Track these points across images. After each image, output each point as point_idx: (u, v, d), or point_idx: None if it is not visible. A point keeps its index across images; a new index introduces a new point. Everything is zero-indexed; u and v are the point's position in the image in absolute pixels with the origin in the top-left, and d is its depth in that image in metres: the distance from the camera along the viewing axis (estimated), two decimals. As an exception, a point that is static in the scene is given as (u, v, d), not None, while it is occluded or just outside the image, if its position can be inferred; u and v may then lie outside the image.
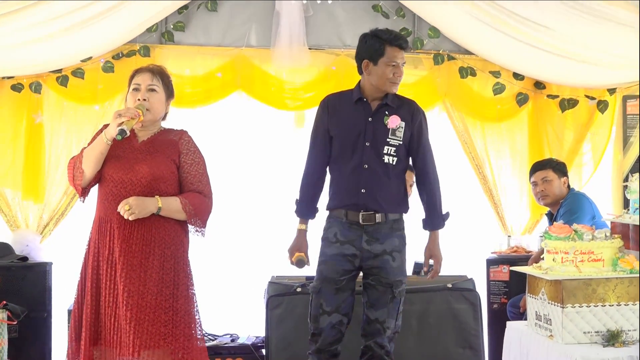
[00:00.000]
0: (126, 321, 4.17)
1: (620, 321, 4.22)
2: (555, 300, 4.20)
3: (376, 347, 4.70)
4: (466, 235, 6.99)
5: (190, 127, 6.47)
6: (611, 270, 4.24)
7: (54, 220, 6.62)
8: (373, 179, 4.71)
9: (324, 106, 4.93)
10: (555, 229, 4.35)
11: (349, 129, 4.78)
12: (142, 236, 4.29)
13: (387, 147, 4.72)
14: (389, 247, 4.71)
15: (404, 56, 4.81)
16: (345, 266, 4.72)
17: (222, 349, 6.05)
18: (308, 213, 4.93)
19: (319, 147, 4.88)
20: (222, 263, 6.88)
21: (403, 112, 4.80)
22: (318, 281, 4.80)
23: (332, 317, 4.71)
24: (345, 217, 4.75)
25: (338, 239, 4.75)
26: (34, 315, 6.09)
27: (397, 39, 4.79)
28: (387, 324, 4.69)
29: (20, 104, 6.62)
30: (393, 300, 4.71)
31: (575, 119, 7.03)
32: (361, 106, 4.82)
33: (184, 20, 6.75)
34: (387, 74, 4.73)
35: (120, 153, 4.40)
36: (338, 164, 4.81)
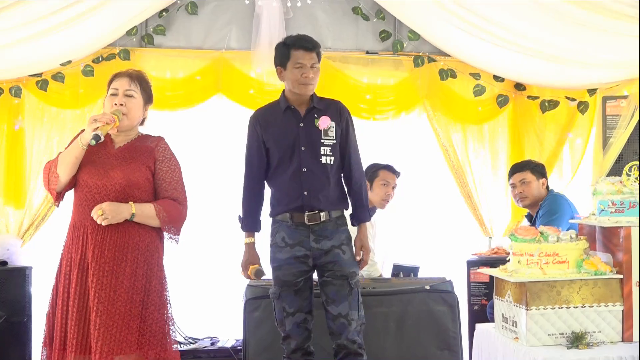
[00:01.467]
0: (95, 327, 4.16)
1: (584, 323, 4.26)
2: (520, 302, 4.23)
3: (348, 343, 4.74)
4: (447, 238, 7.01)
5: (171, 130, 6.54)
6: (576, 272, 4.27)
7: (35, 225, 6.62)
8: (313, 180, 4.78)
9: (254, 122, 4.98)
10: (521, 231, 4.38)
11: (283, 137, 4.84)
12: (115, 242, 4.28)
13: (323, 147, 4.80)
14: (337, 241, 4.79)
15: (315, 57, 4.82)
16: (299, 267, 4.79)
17: (202, 352, 6.03)
18: (253, 226, 5.00)
19: (256, 162, 4.92)
20: (203, 266, 6.90)
21: (331, 113, 4.87)
22: (276, 287, 4.87)
23: (296, 317, 4.80)
24: (291, 220, 4.81)
25: (287, 242, 4.81)
26: (14, 320, 6.09)
27: (300, 41, 4.85)
28: (351, 316, 4.74)
29: (0, 109, 6.62)
30: (352, 292, 4.77)
31: (556, 120, 7.05)
32: (290, 114, 4.88)
33: (164, 23, 6.76)
34: (296, 75, 4.80)
35: (96, 159, 4.40)
36: (277, 173, 4.87)
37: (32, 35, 6.10)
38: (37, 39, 6.14)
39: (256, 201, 4.96)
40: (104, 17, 6.29)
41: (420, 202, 7.05)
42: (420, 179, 7.02)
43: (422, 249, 6.79)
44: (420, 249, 6.82)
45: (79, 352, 4.21)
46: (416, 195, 6.98)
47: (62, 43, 6.34)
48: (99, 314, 4.17)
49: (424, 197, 7.08)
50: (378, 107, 6.85)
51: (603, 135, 6.82)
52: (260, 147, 4.88)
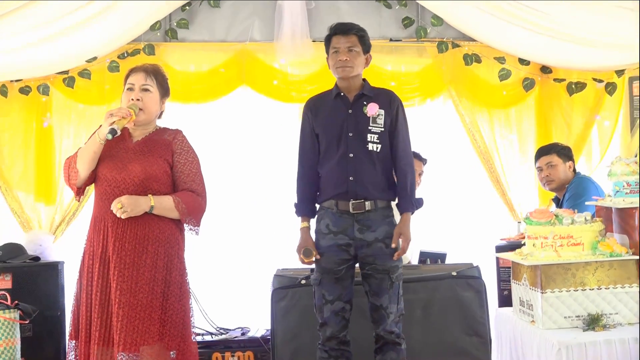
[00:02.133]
0: (117, 319, 4.22)
1: (601, 305, 4.23)
2: (535, 285, 4.21)
3: (385, 334, 4.76)
4: (476, 223, 6.98)
5: (197, 123, 6.65)
6: (591, 254, 4.24)
7: (66, 221, 6.73)
8: (359, 166, 4.76)
9: (306, 108, 5.01)
10: (536, 214, 4.36)
11: (332, 123, 4.85)
12: (135, 235, 4.34)
13: (370, 134, 4.77)
14: (381, 234, 4.75)
15: (352, 40, 4.81)
16: (341, 255, 4.78)
17: (233, 342, 6.07)
18: (307, 212, 4.99)
19: (308, 147, 4.95)
20: (234, 257, 6.94)
21: (381, 100, 4.85)
22: (318, 273, 4.87)
23: (335, 305, 4.78)
24: (336, 207, 4.81)
25: (330, 229, 4.81)
26: (47, 314, 6.15)
27: (336, 26, 4.88)
28: (390, 309, 4.74)
29: (29, 106, 6.76)
30: (392, 286, 4.75)
31: (584, 102, 6.98)
32: (340, 100, 4.89)
33: (187, 17, 6.80)
34: (333, 60, 4.84)
35: (115, 153, 4.46)
36: (325, 158, 4.87)
37: (56, 33, 6.21)
38: (62, 36, 6.25)
39: (309, 186, 4.96)
40: (127, 13, 6.37)
41: (447, 189, 7.02)
42: (447, 165, 6.99)
43: (450, 236, 6.76)
44: (449, 235, 6.79)
45: (102, 344, 4.29)
46: (443, 181, 6.95)
47: (86, 40, 6.42)
48: (121, 306, 4.23)
49: (451, 184, 7.05)
50: (403, 94, 6.72)
51: (631, 116, 6.76)
52: (312, 132, 4.92)
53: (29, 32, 6.15)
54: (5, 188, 6.72)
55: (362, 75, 4.93)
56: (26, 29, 6.11)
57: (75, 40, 6.34)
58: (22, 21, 6.04)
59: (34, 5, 5.95)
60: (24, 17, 6.01)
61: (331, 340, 4.80)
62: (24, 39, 6.19)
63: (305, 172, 4.96)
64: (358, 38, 4.83)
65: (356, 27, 4.88)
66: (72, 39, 6.30)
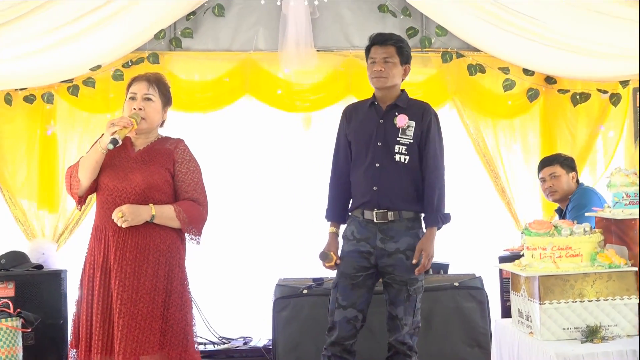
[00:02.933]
0: (118, 328, 4.22)
1: (600, 317, 4.21)
2: (534, 296, 4.20)
3: (398, 344, 4.74)
4: (479, 233, 6.96)
5: (200, 132, 6.65)
6: (589, 266, 4.23)
7: (69, 229, 6.74)
8: (384, 176, 4.77)
9: (343, 115, 5.08)
10: (534, 224, 4.35)
11: (362, 132, 4.89)
12: (136, 244, 4.33)
13: (398, 146, 4.78)
14: (402, 245, 4.74)
15: (389, 51, 4.83)
16: (360, 262, 4.78)
17: (234, 352, 6.12)
18: (336, 217, 5.02)
19: (341, 154, 5.00)
20: (236, 266, 6.92)
21: (413, 112, 4.86)
22: (336, 277, 4.89)
23: (347, 311, 4.76)
24: (362, 216, 4.82)
25: (355, 236, 4.83)
26: (50, 322, 6.16)
27: (374, 37, 4.92)
28: (405, 321, 4.73)
29: (33, 115, 6.77)
30: (409, 299, 4.74)
31: (588, 113, 6.97)
32: (374, 110, 4.92)
33: (191, 26, 6.82)
34: (370, 70, 4.88)
35: (117, 162, 4.46)
36: (355, 166, 4.90)
37: (60, 41, 6.22)
38: (66, 45, 6.26)
39: (339, 192, 4.99)
40: (131, 21, 6.39)
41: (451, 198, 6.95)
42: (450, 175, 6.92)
43: (454, 246, 6.74)
44: (452, 245, 6.77)
45: (103, 354, 4.28)
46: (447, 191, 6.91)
47: (91, 48, 6.43)
48: (122, 315, 4.23)
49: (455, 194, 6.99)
50: (408, 104, 6.83)
51: (635, 127, 6.74)
52: (345, 139, 4.97)
53: (33, 41, 6.16)
54: (9, 196, 6.73)
55: (400, 86, 4.95)
56: (30, 37, 6.12)
57: (79, 49, 6.35)
58: (27, 29, 6.05)
59: (38, 13, 5.97)
60: (28, 25, 6.02)
61: (335, 346, 4.77)
62: (29, 48, 6.20)
63: (336, 178, 5.01)
64: (396, 49, 4.86)
65: (395, 38, 4.91)
66: (76, 48, 6.31)
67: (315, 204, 6.29)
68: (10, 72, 6.42)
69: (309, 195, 6.76)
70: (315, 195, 6.41)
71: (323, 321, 5.28)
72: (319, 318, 5.44)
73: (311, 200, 6.67)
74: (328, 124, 6.51)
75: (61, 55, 6.34)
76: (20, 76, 6.53)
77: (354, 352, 4.83)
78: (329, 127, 6.16)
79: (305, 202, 6.81)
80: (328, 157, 5.10)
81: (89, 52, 6.47)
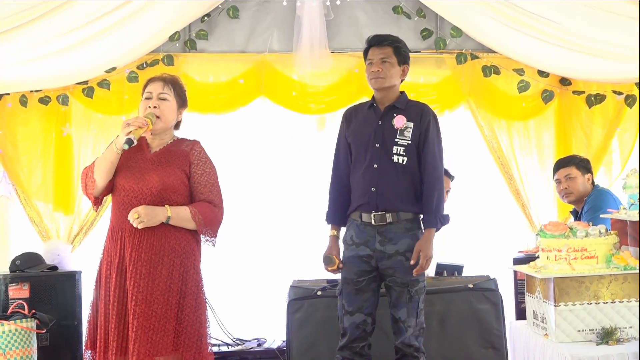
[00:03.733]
0: (132, 329, 4.22)
1: (615, 318, 4.20)
2: (548, 298, 4.19)
3: (404, 347, 4.73)
4: (493, 235, 6.96)
5: (215, 134, 6.66)
6: (605, 267, 4.22)
7: (84, 231, 6.77)
8: (382, 177, 4.76)
9: (343, 118, 5.08)
10: (550, 226, 4.33)
11: (361, 133, 4.88)
12: (151, 245, 4.34)
13: (396, 147, 4.77)
14: (402, 247, 4.71)
15: (386, 51, 4.84)
16: (362, 267, 4.77)
17: (248, 353, 6.11)
18: (336, 220, 5.02)
19: (341, 156, 5.00)
20: (250, 268, 6.94)
21: (411, 113, 4.84)
22: (340, 283, 4.90)
23: (355, 317, 4.75)
24: (360, 219, 4.81)
25: (354, 241, 4.81)
26: (64, 324, 6.18)
27: (371, 38, 4.94)
28: (408, 323, 4.71)
29: (48, 116, 6.80)
30: (411, 300, 4.72)
31: (603, 114, 6.94)
32: (373, 111, 4.92)
33: (206, 28, 6.83)
34: (367, 71, 4.90)
35: (133, 164, 4.48)
36: (354, 168, 4.90)
37: (75, 43, 6.23)
38: (81, 47, 6.28)
39: (339, 195, 4.99)
40: (146, 23, 6.41)
41: (465, 200, 6.99)
42: (465, 177, 6.97)
43: (468, 247, 6.74)
44: (467, 247, 6.77)
45: (119, 354, 4.29)
46: (461, 192, 6.92)
47: (106, 50, 6.45)
48: (136, 316, 4.24)
49: (469, 195, 7.03)
50: (421, 106, 6.82)
51: (649, 129, 6.72)
52: (345, 142, 4.97)
53: (48, 43, 6.17)
54: (25, 198, 6.76)
55: (399, 87, 4.94)
56: (45, 39, 6.13)
57: (94, 51, 6.36)
58: (42, 32, 6.06)
59: (53, 16, 5.98)
60: (43, 28, 6.03)
61: (344, 350, 4.77)
62: (44, 50, 6.21)
63: (336, 180, 5.01)
64: (393, 49, 4.85)
65: (391, 39, 4.90)
66: (91, 50, 6.33)
67: (329, 206, 6.32)
68: (25, 74, 6.44)
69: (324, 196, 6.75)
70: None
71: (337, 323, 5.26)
72: (333, 320, 5.42)
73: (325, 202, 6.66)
74: (341, 126, 6.51)
75: (76, 58, 6.36)
76: (36, 78, 6.55)
77: (367, 356, 4.81)
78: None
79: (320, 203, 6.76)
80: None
81: (104, 54, 6.49)
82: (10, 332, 5.58)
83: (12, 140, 6.77)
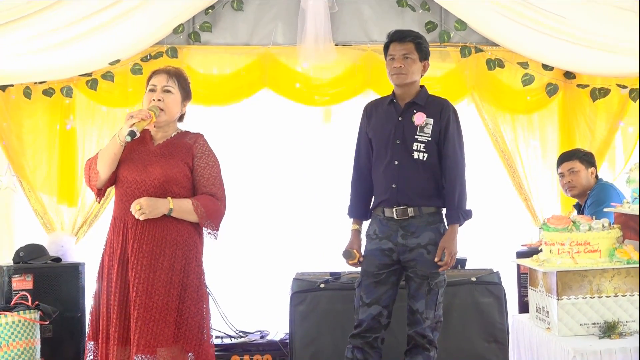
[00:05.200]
0: (133, 320, 4.23)
1: (617, 312, 4.19)
2: (551, 292, 4.19)
3: (417, 336, 4.75)
4: (497, 228, 6.95)
5: (219, 125, 6.67)
6: (608, 261, 4.21)
7: (88, 223, 6.78)
8: (403, 174, 4.78)
9: (364, 112, 5.08)
10: (553, 220, 4.33)
11: (382, 129, 4.90)
12: (153, 236, 4.34)
13: (417, 143, 4.79)
14: (424, 240, 4.75)
15: (408, 47, 4.83)
16: (382, 260, 4.80)
17: (251, 345, 6.13)
18: (358, 214, 5.05)
19: (362, 151, 5.02)
20: (254, 260, 6.94)
21: (431, 109, 4.85)
22: (360, 275, 4.92)
23: (372, 308, 4.78)
24: (383, 214, 4.85)
25: (377, 235, 4.85)
26: (68, 315, 6.21)
27: (392, 34, 4.92)
28: (426, 314, 4.74)
29: (52, 109, 6.81)
30: (430, 292, 4.74)
31: (607, 108, 6.93)
32: (393, 107, 4.92)
33: (210, 20, 6.83)
34: (389, 67, 4.88)
35: (136, 156, 4.48)
36: (376, 164, 4.93)
37: (79, 35, 6.25)
38: (85, 39, 6.28)
39: (361, 189, 5.01)
40: (150, 15, 6.41)
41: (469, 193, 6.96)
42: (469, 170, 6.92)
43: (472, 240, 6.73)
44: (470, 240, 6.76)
45: (120, 345, 4.30)
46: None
47: (110, 42, 6.46)
48: (137, 307, 4.24)
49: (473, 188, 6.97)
50: (425, 99, 6.82)
51: (654, 123, 6.71)
52: (366, 137, 4.99)
53: (52, 35, 6.18)
54: (29, 190, 6.77)
55: (419, 83, 4.94)
56: (49, 31, 6.14)
57: (98, 43, 6.37)
58: (45, 23, 6.07)
59: (57, 8, 6.00)
60: (47, 19, 6.04)
61: (356, 338, 4.79)
62: (48, 41, 6.22)
63: (358, 175, 5.04)
64: (415, 45, 4.85)
65: (413, 34, 4.90)
66: (95, 42, 6.34)
67: (333, 198, 6.34)
68: (29, 65, 6.45)
69: (328, 189, 6.77)
70: (334, 189, 6.46)
71: (340, 315, 5.31)
72: (336, 312, 5.46)
73: (329, 194, 6.68)
74: (347, 118, 6.54)
75: (80, 49, 6.36)
76: (40, 70, 6.56)
77: (378, 349, 4.83)
78: (348, 120, 6.19)
79: (324, 196, 6.82)
80: (346, 151, 5.12)
81: (108, 46, 6.50)
82: (13, 324, 5.60)
83: (17, 133, 6.78)
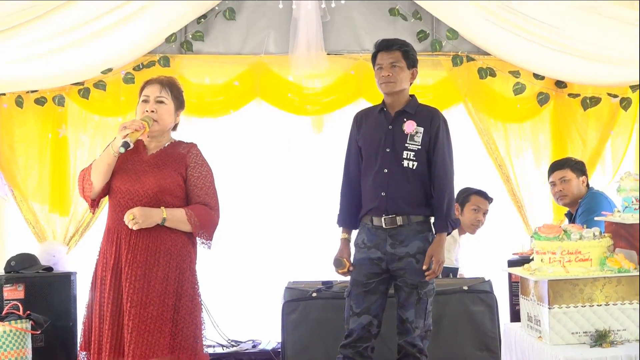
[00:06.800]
0: (128, 331, 4.23)
1: (609, 321, 4.21)
2: (543, 301, 4.20)
3: (408, 345, 4.74)
4: (488, 237, 6.94)
5: (210, 136, 6.65)
6: (599, 270, 4.23)
7: (79, 232, 6.77)
8: (392, 182, 4.77)
9: (354, 121, 5.08)
10: (544, 229, 4.35)
11: (371, 138, 4.90)
12: (147, 246, 4.34)
13: (406, 152, 4.78)
14: (412, 249, 4.74)
15: (395, 56, 4.82)
16: (372, 269, 4.79)
17: (243, 355, 6.12)
18: (347, 223, 5.03)
19: (352, 160, 5.01)
20: (246, 269, 6.95)
21: (421, 118, 4.85)
22: (349, 285, 4.91)
23: (362, 318, 4.77)
24: (371, 223, 4.83)
25: (365, 244, 4.84)
26: (59, 325, 6.17)
27: (380, 43, 4.92)
28: (416, 324, 4.73)
29: (44, 117, 6.81)
30: (420, 301, 4.74)
31: (598, 117, 6.96)
32: (383, 116, 4.92)
33: (202, 29, 6.84)
34: (377, 76, 4.88)
35: (129, 166, 4.48)
36: (365, 173, 4.91)
37: (71, 44, 6.26)
38: (77, 47, 6.29)
39: (350, 198, 4.99)
40: (142, 25, 6.41)
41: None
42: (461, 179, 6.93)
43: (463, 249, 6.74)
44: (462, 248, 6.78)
45: (113, 356, 4.29)
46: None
47: (102, 51, 6.46)
48: (132, 318, 4.24)
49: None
50: (417, 107, 6.83)
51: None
52: (356, 145, 4.98)
53: (44, 43, 6.18)
54: (21, 199, 6.77)
55: (408, 91, 4.94)
56: (41, 39, 6.14)
57: (90, 52, 6.38)
58: (38, 32, 6.07)
59: (49, 17, 5.99)
60: (39, 28, 6.04)
61: (347, 348, 4.78)
62: (40, 50, 6.22)
63: (347, 184, 5.02)
64: (402, 53, 4.84)
65: (399, 43, 4.90)
66: (87, 50, 6.34)
67: (325, 208, 6.33)
68: (21, 74, 6.45)
69: (319, 198, 6.77)
70: (325, 198, 6.45)
71: (332, 324, 5.29)
72: (328, 321, 5.44)
73: (321, 203, 6.68)
74: (339, 127, 6.52)
75: (73, 58, 6.38)
76: (32, 78, 6.56)
77: (369, 358, 4.81)
78: (340, 130, 6.17)
79: (315, 205, 6.82)
80: (338, 160, 5.11)
81: (100, 55, 6.50)
82: (4, 333, 5.58)
83: (9, 141, 6.78)
